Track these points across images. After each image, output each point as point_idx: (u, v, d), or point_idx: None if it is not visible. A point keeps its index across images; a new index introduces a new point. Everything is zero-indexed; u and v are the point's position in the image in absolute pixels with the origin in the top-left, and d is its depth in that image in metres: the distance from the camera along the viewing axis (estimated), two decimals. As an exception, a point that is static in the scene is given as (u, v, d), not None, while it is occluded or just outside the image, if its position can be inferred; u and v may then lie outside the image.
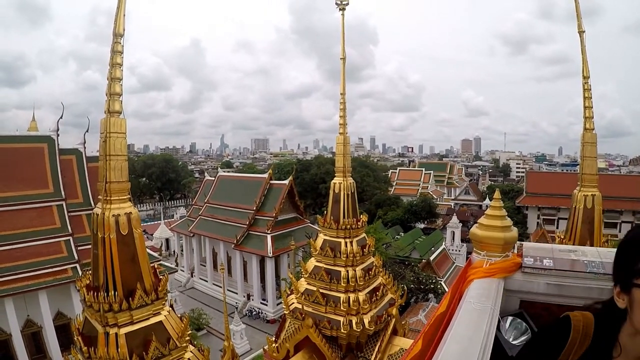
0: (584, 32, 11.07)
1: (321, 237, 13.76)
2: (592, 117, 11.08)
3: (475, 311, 3.21)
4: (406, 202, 77.20)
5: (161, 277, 9.45)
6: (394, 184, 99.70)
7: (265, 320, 43.36)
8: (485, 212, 4.75)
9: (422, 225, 72.39)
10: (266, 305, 44.98)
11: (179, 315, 9.77)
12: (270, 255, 43.01)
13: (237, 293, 47.22)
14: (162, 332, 8.87)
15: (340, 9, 13.75)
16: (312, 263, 13.77)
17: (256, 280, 45.51)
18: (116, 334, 8.37)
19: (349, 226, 13.41)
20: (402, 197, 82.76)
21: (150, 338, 8.59)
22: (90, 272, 8.96)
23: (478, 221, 4.89)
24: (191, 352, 9.47)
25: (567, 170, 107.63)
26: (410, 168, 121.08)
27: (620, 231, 63.86)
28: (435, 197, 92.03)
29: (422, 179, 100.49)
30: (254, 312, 44.64)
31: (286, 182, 47.64)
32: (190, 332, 9.64)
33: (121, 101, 8.45)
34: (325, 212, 14.19)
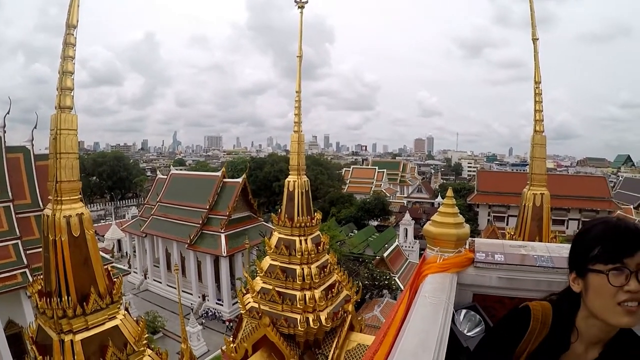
0: (537, 39, 11.35)
1: (276, 236, 13.77)
2: (542, 120, 11.37)
3: (430, 305, 3.25)
4: (360, 200, 77.29)
5: (115, 279, 9.26)
6: (348, 182, 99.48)
7: (222, 321, 42.96)
8: (438, 210, 4.80)
9: (375, 223, 72.81)
10: (222, 305, 44.64)
11: (135, 319, 9.61)
12: (225, 254, 42.69)
13: (192, 294, 46.54)
14: (119, 336, 8.68)
15: (299, 7, 13.81)
16: (267, 262, 13.76)
17: (211, 281, 45.09)
18: (72, 340, 8.12)
19: (303, 224, 13.45)
20: (356, 195, 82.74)
21: (106, 343, 8.37)
22: (41, 277, 8.72)
23: (431, 218, 4.95)
24: (149, 356, 9.30)
25: (516, 170, 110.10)
26: (364, 166, 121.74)
27: (567, 227, 67.61)
28: (389, 195, 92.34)
29: (375, 177, 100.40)
30: (210, 313, 44.19)
31: (239, 180, 47.25)
32: (146, 335, 9.47)
33: (73, 96, 8.12)
34: (279, 210, 14.19)
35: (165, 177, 54.70)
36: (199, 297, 46.46)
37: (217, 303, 45.17)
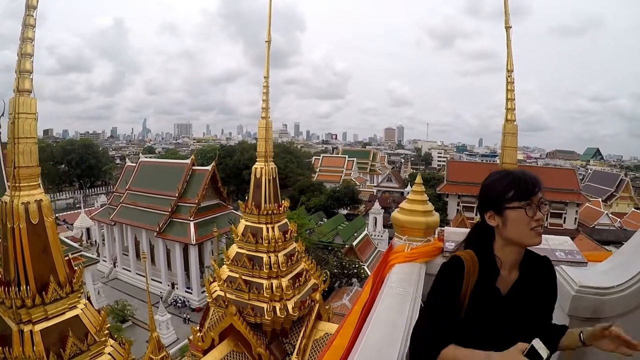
0: (510, 27, 11.10)
1: (243, 223, 13.65)
2: (514, 109, 11.22)
3: (397, 296, 3.20)
4: (329, 189, 77.36)
5: (76, 268, 9.04)
6: (318, 170, 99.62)
7: (191, 309, 42.77)
8: (407, 197, 4.72)
9: (345, 212, 72.82)
10: (191, 293, 44.56)
11: (97, 309, 9.40)
12: (194, 242, 42.58)
13: (161, 282, 46.33)
14: (80, 326, 8.49)
15: None
16: (234, 249, 13.64)
17: (180, 269, 44.94)
18: (31, 331, 7.93)
19: (270, 212, 13.35)
20: (326, 184, 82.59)
21: (67, 334, 8.18)
22: (0, 266, 8.52)
23: (400, 205, 4.86)
24: (111, 346, 9.11)
25: (486, 161, 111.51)
26: (334, 155, 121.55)
27: None
28: (358, 183, 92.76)
29: (345, 166, 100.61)
30: (179, 301, 44.04)
31: (209, 168, 46.98)
32: (108, 325, 9.25)
33: (31, 79, 7.88)
34: (247, 197, 14.05)
35: (134, 164, 54.14)
36: (169, 285, 46.26)
37: (186, 291, 45.04)
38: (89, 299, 9.44)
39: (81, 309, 8.72)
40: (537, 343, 2.18)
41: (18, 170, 7.83)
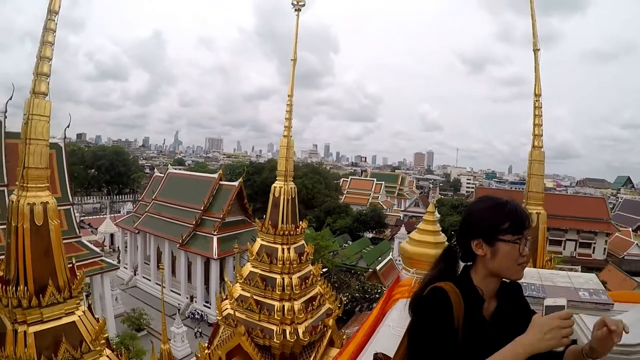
0: (538, 50, 10.98)
1: (258, 242, 13.35)
2: (541, 135, 10.94)
3: (393, 337, 2.89)
4: (356, 211, 77.21)
5: (78, 273, 8.83)
6: (345, 192, 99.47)
7: (208, 324, 42.09)
8: (417, 226, 4.41)
9: (370, 235, 72.53)
10: (209, 308, 43.93)
11: (96, 317, 9.15)
12: (215, 257, 42.29)
13: (180, 294, 46.16)
14: (75, 333, 8.27)
15: (295, 10, 13.45)
16: (247, 268, 13.32)
17: (200, 282, 44.57)
18: (25, 332, 7.78)
19: (287, 232, 13.00)
20: (352, 206, 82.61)
21: (60, 339, 7.98)
22: (2, 263, 8.40)
23: (409, 235, 4.56)
24: (107, 357, 8.86)
25: (515, 188, 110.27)
26: (362, 178, 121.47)
27: (564, 248, 66.90)
28: (385, 207, 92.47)
29: (373, 189, 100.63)
30: (197, 315, 43.61)
31: (236, 183, 46.86)
32: (106, 335, 9.00)
33: (48, 82, 7.90)
34: (264, 216, 13.78)
35: (163, 175, 54.41)
36: (187, 298, 45.94)
37: (204, 305, 44.64)
38: (89, 307, 9.14)
39: (79, 316, 8.52)
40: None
41: (27, 171, 7.81)
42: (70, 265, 8.72)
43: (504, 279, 2.72)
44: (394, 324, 3.13)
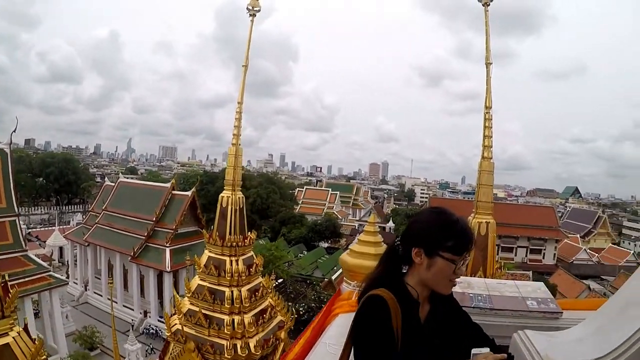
0: (490, 64, 11.23)
1: (206, 254, 13.06)
2: (491, 147, 11.11)
3: (328, 355, 2.87)
4: (311, 221, 77.14)
5: (10, 292, 8.37)
6: (300, 202, 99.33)
7: (163, 339, 41.00)
8: (358, 237, 4.25)
9: (325, 245, 72.41)
10: (164, 323, 42.60)
11: (33, 338, 8.71)
12: (168, 269, 41.22)
13: (133, 309, 44.76)
14: (9, 356, 7.83)
15: (250, 15, 13.38)
16: (195, 281, 13.03)
17: (153, 296, 43.44)
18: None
19: (235, 243, 12.77)
20: (308, 216, 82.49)
21: (-7, 364, 7.54)
22: None
23: (350, 247, 4.39)
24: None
25: (467, 198, 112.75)
26: (318, 187, 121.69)
27: (515, 255, 70.70)
28: (340, 217, 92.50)
29: (328, 199, 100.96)
30: (152, 330, 42.40)
31: (188, 193, 46.03)
32: (44, 357, 8.56)
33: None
34: (212, 227, 13.50)
35: (114, 184, 52.89)
36: (141, 313, 44.60)
37: (159, 320, 43.01)
38: (25, 328, 8.68)
39: (13, 337, 8.05)
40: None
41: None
42: (3, 282, 8.26)
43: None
44: (330, 342, 2.95)
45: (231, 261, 12.62)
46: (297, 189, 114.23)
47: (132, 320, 43.48)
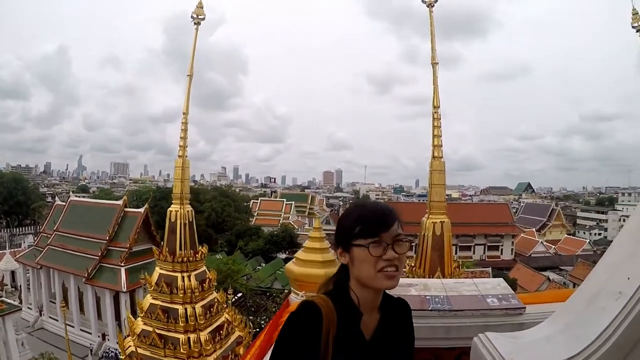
0: (437, 63, 11.37)
1: (157, 271, 12.71)
2: (441, 146, 11.20)
3: None
4: (267, 233, 77.11)
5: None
6: (256, 214, 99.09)
7: (123, 363, 40.20)
8: (304, 245, 4.04)
9: (283, 256, 71.81)
10: (123, 345, 41.79)
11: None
12: (124, 290, 40.35)
13: (91, 333, 43.52)
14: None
15: (195, 23, 13.34)
16: (148, 300, 12.66)
17: (111, 318, 42.23)
18: None
19: (186, 259, 12.49)
20: (264, 228, 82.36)
21: None
22: None
23: (295, 255, 4.21)
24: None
25: (422, 201, 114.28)
26: (272, 198, 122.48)
27: (474, 253, 72.42)
28: (297, 227, 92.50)
29: (283, 210, 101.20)
30: (111, 354, 40.60)
31: (141, 210, 45.44)
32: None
33: None
34: (162, 243, 13.16)
35: (64, 204, 51.44)
36: (99, 336, 43.36)
37: (118, 343, 42.30)
38: None
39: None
40: None
41: None
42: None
43: (386, 292, 2.51)
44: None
45: (183, 277, 12.35)
46: (252, 200, 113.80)
47: (91, 344, 42.36)
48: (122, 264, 41.51)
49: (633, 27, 14.03)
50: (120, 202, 47.49)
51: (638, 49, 14.41)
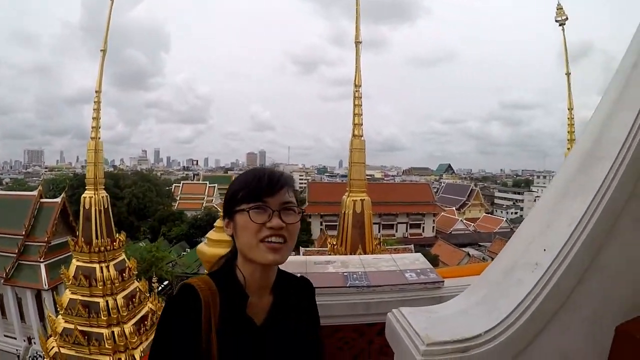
0: (360, 42, 11.55)
1: (74, 264, 12.26)
2: (361, 125, 11.34)
3: None
4: (191, 217, 76.42)
5: None
6: (178, 198, 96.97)
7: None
8: (215, 224, 3.93)
9: (208, 240, 71.15)
10: (51, 347, 40.51)
11: None
12: (46, 287, 37.78)
13: (15, 338, 40.83)
14: None
15: None
16: (67, 296, 12.24)
17: (35, 320, 39.49)
18: None
19: (103, 248, 12.07)
20: (187, 212, 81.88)
21: None
22: None
23: (207, 235, 4.11)
24: None
25: (345, 181, 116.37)
26: (195, 182, 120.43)
27: (396, 231, 74.46)
28: (220, 210, 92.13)
29: (206, 193, 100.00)
30: (39, 358, 39.82)
31: (58, 200, 43.51)
32: None
33: None
34: (77, 233, 12.74)
35: (-28, 199, 49.06)
36: (24, 340, 41.42)
37: (41, 345, 40.98)
38: None
39: None
40: None
41: None
42: None
43: (281, 269, 2.36)
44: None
45: (101, 268, 11.97)
46: (174, 184, 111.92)
47: (17, 350, 40.37)
48: (42, 260, 39.50)
49: (557, 20, 14.67)
50: (35, 192, 45.62)
51: (560, 42, 15.01)
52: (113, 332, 11.54)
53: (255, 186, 2.10)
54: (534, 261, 2.38)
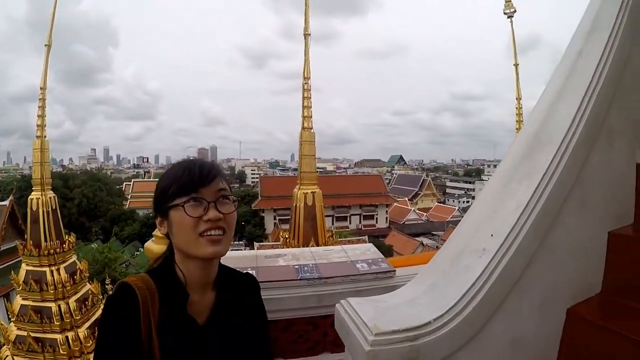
0: (309, 34, 11.43)
1: (24, 268, 11.97)
2: (311, 117, 11.28)
3: None
4: (143, 216, 75.30)
5: None
6: (129, 197, 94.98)
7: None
8: None
9: (162, 238, 70.46)
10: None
11: None
12: (-3, 294, 38.14)
13: (-32, 350, 40.90)
14: None
15: None
16: (18, 302, 11.93)
17: (-14, 328, 39.85)
18: None
19: (52, 251, 11.77)
20: (139, 211, 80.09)
21: None
22: None
23: (154, 233, 4.09)
24: None
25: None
26: (146, 179, 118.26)
27: (350, 223, 74.24)
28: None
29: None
30: None
31: (6, 203, 42.51)
32: None
33: None
34: (25, 236, 12.49)
35: None
36: (-24, 351, 40.87)
37: None
38: None
39: None
40: None
41: None
42: None
43: (223, 264, 2.29)
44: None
45: (52, 271, 11.68)
46: (125, 183, 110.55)
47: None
48: (-10, 266, 39.04)
49: (505, 13, 14.87)
50: (-20, 196, 44.70)
51: (508, 34, 15.26)
52: (67, 337, 11.28)
53: (187, 179, 2.04)
54: (482, 247, 2.38)
